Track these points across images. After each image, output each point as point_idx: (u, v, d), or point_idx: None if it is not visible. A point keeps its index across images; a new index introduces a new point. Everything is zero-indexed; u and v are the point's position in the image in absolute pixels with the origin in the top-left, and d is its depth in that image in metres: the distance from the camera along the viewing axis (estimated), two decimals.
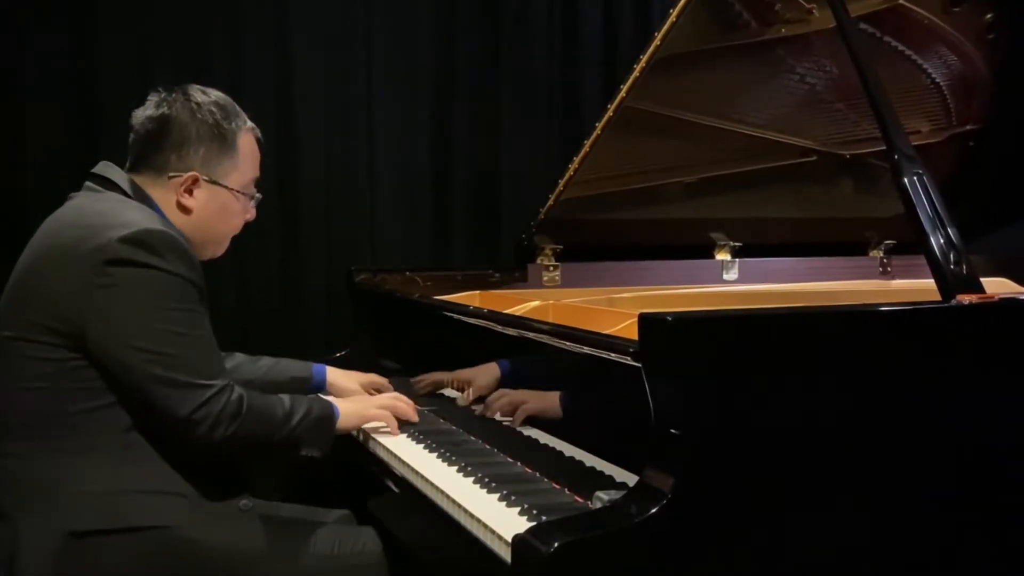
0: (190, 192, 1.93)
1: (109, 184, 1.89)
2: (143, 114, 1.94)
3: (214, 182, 1.94)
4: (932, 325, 1.69)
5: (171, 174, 1.92)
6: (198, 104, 1.93)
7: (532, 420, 2.03)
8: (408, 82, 3.56)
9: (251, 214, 2.05)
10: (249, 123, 2.01)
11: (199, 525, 1.79)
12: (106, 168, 1.92)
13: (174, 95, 1.94)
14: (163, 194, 1.92)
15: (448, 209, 3.63)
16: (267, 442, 1.87)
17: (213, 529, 1.80)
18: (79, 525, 1.72)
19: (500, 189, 3.67)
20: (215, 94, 1.98)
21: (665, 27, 2.45)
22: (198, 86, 1.98)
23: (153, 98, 1.95)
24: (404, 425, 2.16)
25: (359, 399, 2.22)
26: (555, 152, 3.62)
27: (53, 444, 1.76)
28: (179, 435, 1.76)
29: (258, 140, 2.04)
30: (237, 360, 2.30)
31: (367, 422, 2.12)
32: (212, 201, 1.95)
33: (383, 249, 3.51)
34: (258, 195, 2.05)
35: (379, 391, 2.34)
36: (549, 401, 1.96)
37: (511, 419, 2.06)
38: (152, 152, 1.92)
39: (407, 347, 2.77)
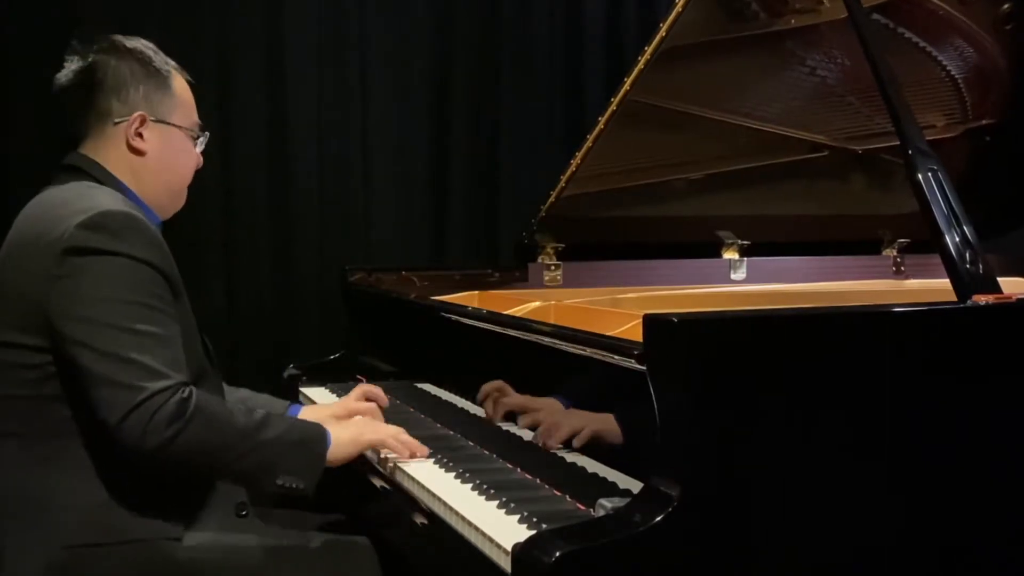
0: (140, 135, 1.86)
1: (77, 172, 1.83)
2: (68, 70, 1.85)
3: (161, 120, 1.88)
4: (947, 326, 1.65)
5: (116, 119, 1.84)
6: (126, 47, 1.86)
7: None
8: (404, 72, 3.52)
9: (199, 160, 1.98)
10: (177, 66, 1.94)
11: (192, 536, 1.75)
12: (77, 158, 1.86)
13: (96, 45, 1.86)
14: (114, 149, 1.85)
15: (446, 206, 3.59)
16: (225, 456, 1.69)
17: (206, 539, 1.76)
18: (70, 540, 1.67)
19: (499, 185, 3.63)
20: (140, 40, 1.91)
21: (671, 17, 2.41)
22: (120, 35, 1.90)
23: (73, 56, 1.85)
24: None
25: (356, 423, 2.00)
26: (557, 147, 3.58)
27: (41, 454, 1.70)
28: (119, 447, 1.62)
29: (190, 83, 1.96)
30: None
31: (365, 450, 1.91)
32: (164, 142, 1.88)
33: (378, 248, 3.47)
34: (206, 133, 1.98)
35: (370, 399, 2.23)
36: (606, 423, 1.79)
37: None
38: (88, 107, 1.84)
39: (403, 350, 2.74)
